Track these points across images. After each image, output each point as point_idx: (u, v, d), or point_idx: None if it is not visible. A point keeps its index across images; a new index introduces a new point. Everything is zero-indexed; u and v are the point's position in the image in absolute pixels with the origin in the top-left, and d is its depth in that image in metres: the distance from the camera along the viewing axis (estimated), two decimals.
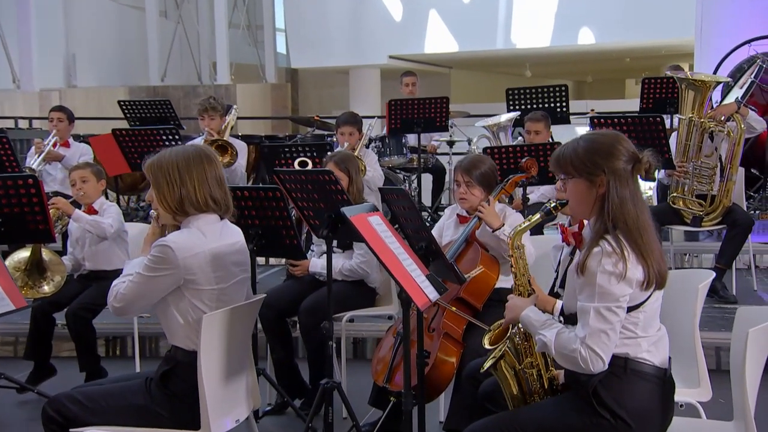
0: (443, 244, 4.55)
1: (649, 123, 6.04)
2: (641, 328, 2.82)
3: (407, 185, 8.34)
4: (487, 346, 3.40)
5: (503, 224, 4.29)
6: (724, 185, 6.24)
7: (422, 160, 8.31)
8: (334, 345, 4.20)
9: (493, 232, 4.29)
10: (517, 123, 7.46)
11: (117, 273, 5.28)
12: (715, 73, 9.27)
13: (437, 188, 8.81)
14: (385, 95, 20.85)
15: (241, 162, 7.10)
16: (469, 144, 8.62)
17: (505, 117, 6.94)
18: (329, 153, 5.47)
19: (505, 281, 4.39)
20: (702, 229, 6.38)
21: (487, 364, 3.07)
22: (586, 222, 2.98)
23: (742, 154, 6.32)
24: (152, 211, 3.35)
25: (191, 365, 3.18)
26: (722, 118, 6.27)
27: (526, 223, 3.10)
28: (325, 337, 4.77)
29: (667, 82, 7.94)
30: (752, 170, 8.50)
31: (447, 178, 8.81)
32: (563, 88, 8.14)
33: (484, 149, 6.32)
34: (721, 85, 7.62)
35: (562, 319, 2.96)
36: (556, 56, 19.28)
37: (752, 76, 8.17)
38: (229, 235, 3.35)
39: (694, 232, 6.76)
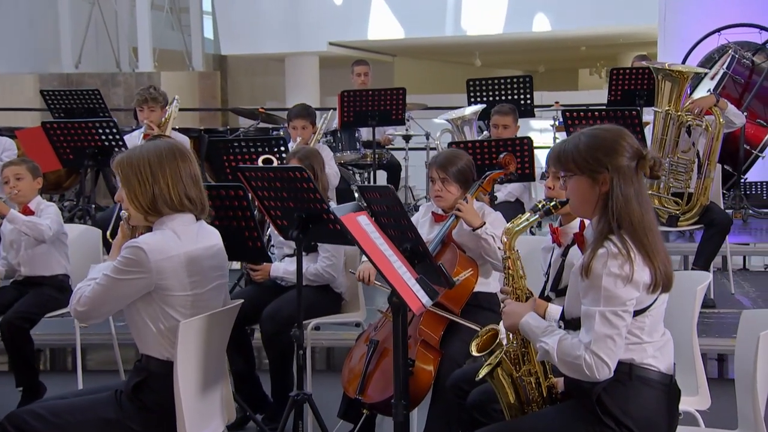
0: None
1: (624, 117, 6.21)
2: (647, 333, 2.93)
3: (360, 183, 8.40)
4: (474, 353, 3.49)
5: (484, 223, 4.38)
6: (702, 182, 6.42)
7: (376, 156, 8.38)
8: (303, 354, 4.25)
9: (473, 231, 4.37)
10: (482, 116, 7.59)
11: (56, 279, 5.34)
12: (683, 63, 9.49)
13: (392, 186, 8.89)
14: (325, 85, 20.89)
15: None
16: (427, 138, 8.72)
17: (470, 110, 7.06)
18: (292, 149, 5.51)
19: (483, 284, 4.50)
20: (675, 229, 6.55)
21: (482, 372, 3.15)
22: (587, 222, 3.07)
23: None
24: (123, 212, 3.36)
25: (165, 376, 3.20)
26: (699, 111, 6.46)
27: (524, 223, 3.19)
28: (288, 347, 4.85)
29: (636, 73, 8.12)
30: (725, 167, 8.75)
31: (402, 175, 8.89)
32: (527, 80, 8.29)
33: (449, 144, 6.43)
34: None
35: (561, 324, 3.06)
36: (509, 44, 19.53)
37: (724, 66, 8.45)
38: (206, 238, 3.38)
39: (664, 232, 6.94)
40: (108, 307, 3.27)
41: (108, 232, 5.28)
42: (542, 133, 13.27)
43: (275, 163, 5.30)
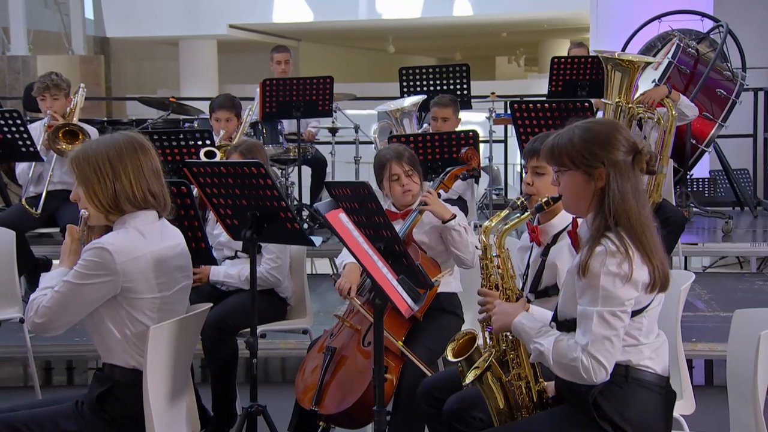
0: None
1: (576, 109, 6.43)
2: (644, 334, 3.10)
3: (284, 179, 8.47)
4: (450, 359, 3.63)
5: (455, 215, 4.53)
6: (654, 179, 6.68)
7: (300, 151, 8.44)
8: (257, 363, 4.33)
9: (444, 223, 4.51)
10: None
11: None
12: (623, 51, 9.78)
13: (317, 183, 8.96)
14: (224, 72, 20.85)
15: None
16: (356, 132, 8.84)
17: (409, 101, 7.20)
18: (233, 143, 5.57)
19: (445, 284, 4.63)
20: None
21: (470, 377, 3.28)
22: (580, 220, 3.24)
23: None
24: (83, 210, 3.41)
25: (132, 385, 3.28)
26: (650, 103, 6.72)
27: (514, 221, 3.34)
28: (231, 356, 4.93)
29: (578, 63, 8.38)
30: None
31: (328, 170, 8.99)
32: (464, 68, 8.47)
33: (390, 138, 6.56)
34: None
35: (554, 325, 3.21)
36: (426, 29, 19.82)
37: (669, 55, 8.76)
38: (170, 237, 3.47)
39: None
40: (70, 316, 3.31)
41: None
42: (476, 126, 13.49)
43: (218, 157, 5.34)
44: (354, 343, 4.45)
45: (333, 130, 9.07)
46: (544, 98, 8.45)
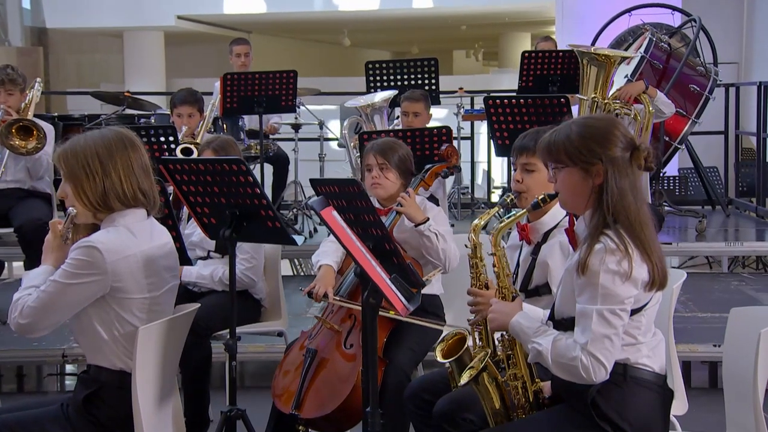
0: None
1: (552, 105, 6.56)
2: (642, 332, 3.21)
3: None
4: (440, 360, 3.73)
5: (427, 219, 4.61)
6: None
7: (262, 148, 8.50)
8: (236, 366, 4.38)
9: (416, 227, 4.60)
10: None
11: None
12: (593, 45, 9.94)
13: (279, 181, 9.03)
14: (172, 66, 20.80)
15: (48, 150, 7.05)
16: (321, 128, 8.91)
17: (380, 96, 7.28)
18: (205, 139, 5.62)
19: (426, 287, 4.71)
20: None
21: (464, 378, 3.37)
22: (578, 218, 3.34)
23: None
24: (71, 208, 3.46)
25: (119, 387, 3.35)
26: (627, 99, 6.88)
27: (510, 219, 3.43)
28: (204, 360, 4.98)
29: (549, 57, 8.52)
30: None
31: (291, 168, 9.04)
32: (432, 63, 8.58)
33: (361, 134, 6.64)
34: None
35: (550, 324, 3.32)
36: (383, 22, 19.92)
37: (641, 50, 8.93)
38: (159, 236, 3.55)
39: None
40: (56, 317, 3.36)
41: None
42: (439, 123, 13.60)
43: (195, 153, 5.39)
44: (335, 345, 4.51)
45: (296, 127, 9.13)
46: (514, 93, 8.56)
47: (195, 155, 5.31)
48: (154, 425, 3.38)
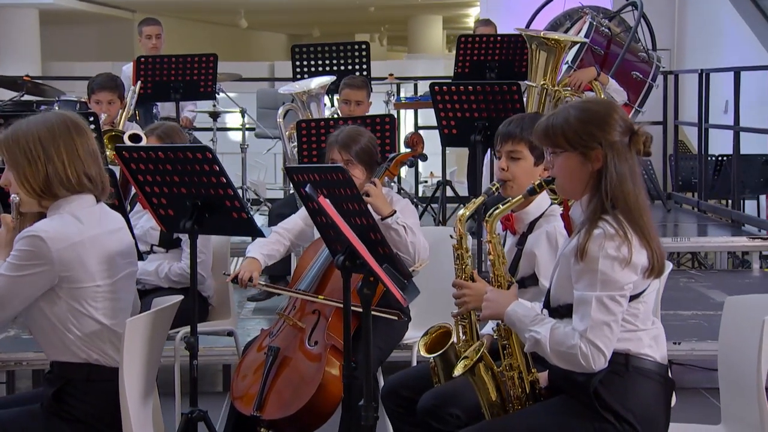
0: (314, 238, 5.05)
1: (503, 92, 6.81)
2: (641, 320, 3.47)
3: None
4: (424, 354, 3.98)
5: (394, 211, 4.85)
6: None
7: None
8: (197, 365, 4.55)
9: (382, 220, 4.82)
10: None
11: None
12: (528, 27, 10.23)
13: None
14: (48, 47, 20.61)
15: None
16: (244, 116, 9.07)
17: (317, 82, 7.48)
18: (149, 126, 5.76)
19: None
20: None
21: (459, 370, 3.61)
22: (573, 203, 3.61)
23: None
24: (13, 196, 3.62)
25: (86, 380, 3.54)
26: (578, 86, 7.21)
27: (506, 205, 3.69)
28: None
29: (486, 42, 8.79)
30: None
31: None
32: (363, 47, 8.80)
33: (298, 123, 6.84)
34: None
35: (545, 312, 3.58)
36: (283, 3, 20.02)
37: (581, 35, 9.26)
38: (110, 221, 3.72)
39: None
40: (6, 312, 3.52)
41: None
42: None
43: (145, 140, 5.52)
44: (298, 342, 4.71)
45: (214, 115, 9.27)
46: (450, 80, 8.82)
47: (144, 143, 5.44)
48: (140, 421, 3.55)
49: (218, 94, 8.99)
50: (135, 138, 5.52)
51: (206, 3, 19.97)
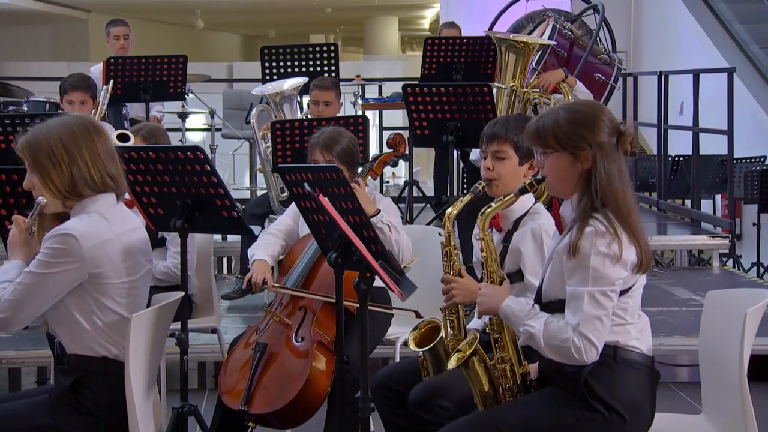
0: (301, 236, 5.15)
1: (474, 93, 6.96)
2: (629, 314, 3.62)
3: None
4: (413, 348, 4.11)
5: (378, 210, 4.96)
6: None
7: None
8: (187, 361, 4.65)
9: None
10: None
11: None
12: (491, 29, 10.38)
13: None
14: (3, 48, 20.54)
15: None
16: (212, 117, 9.15)
17: (290, 83, 7.57)
18: (134, 127, 5.84)
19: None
20: None
21: (452, 363, 3.74)
22: (563, 202, 3.75)
23: None
24: (40, 198, 3.72)
25: (102, 373, 3.66)
26: (546, 88, 7.36)
27: (498, 203, 3.82)
28: None
29: (453, 44, 8.94)
30: None
31: None
32: (332, 48, 8.92)
33: (273, 124, 6.95)
34: None
35: (537, 307, 3.71)
36: (239, 3, 20.07)
37: (545, 37, 9.43)
38: (131, 220, 3.85)
39: None
40: (34, 308, 3.62)
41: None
42: None
43: (132, 140, 5.59)
44: (284, 339, 4.81)
45: (183, 115, 9.35)
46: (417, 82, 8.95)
47: (132, 142, 5.52)
48: (143, 413, 3.66)
49: (187, 95, 9.06)
50: (123, 137, 5.59)
51: (162, 3, 19.99)
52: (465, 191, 7.41)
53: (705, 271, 9.34)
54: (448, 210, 4.09)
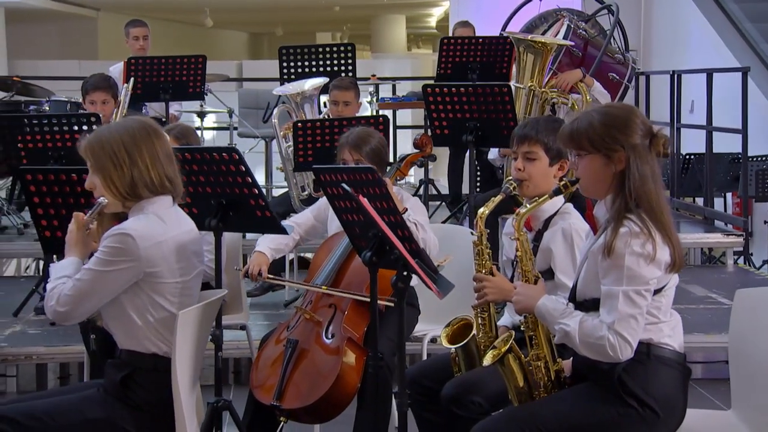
0: (330, 233, 5.24)
1: (493, 93, 7.03)
2: (663, 312, 3.71)
3: None
4: (445, 345, 4.21)
5: (405, 209, 5.05)
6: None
7: None
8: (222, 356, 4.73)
9: None
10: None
11: None
12: (504, 29, 10.46)
13: None
14: (14, 46, 20.61)
15: None
16: (231, 116, 9.23)
17: (310, 84, 7.66)
18: (166, 127, 5.91)
19: None
20: None
21: (488, 360, 3.83)
22: (596, 203, 3.83)
23: None
24: (101, 198, 3.83)
25: (152, 370, 3.78)
26: (564, 88, 7.44)
27: (533, 204, 3.91)
28: None
29: (468, 44, 9.01)
30: None
31: None
32: (349, 48, 9.00)
33: (295, 124, 7.03)
34: None
35: (571, 305, 3.80)
36: (247, 1, 20.13)
37: (560, 37, 9.51)
38: (185, 222, 3.97)
39: None
40: (92, 304, 3.77)
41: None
42: None
43: None
44: (315, 336, 4.90)
45: (201, 115, 9.43)
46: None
47: None
48: (188, 409, 3.76)
49: (206, 94, 9.15)
50: None
51: (171, 1, 20.07)
52: (479, 189, 7.48)
53: (719, 268, 9.41)
54: (480, 210, 4.17)
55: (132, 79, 8.03)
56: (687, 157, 11.31)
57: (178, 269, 3.84)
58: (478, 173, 8.65)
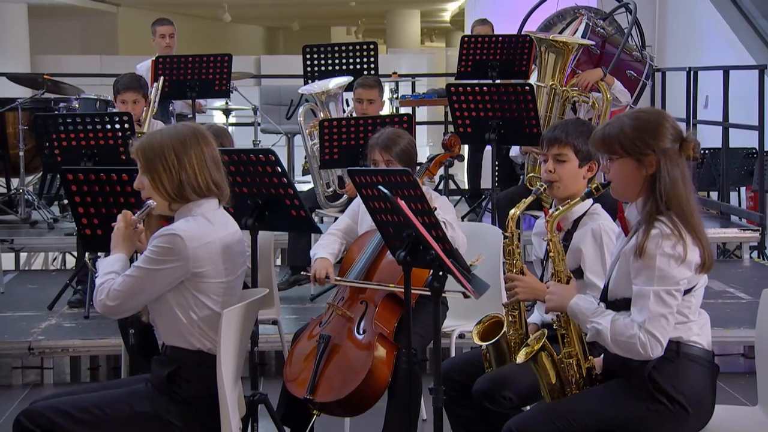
0: (360, 233, 5.32)
1: (516, 92, 7.10)
2: (692, 311, 3.79)
3: None
4: (477, 341, 4.28)
5: (435, 208, 5.11)
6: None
7: None
8: (258, 351, 4.82)
9: None
10: None
11: None
12: (521, 29, 10.52)
13: None
14: (37, 42, 20.72)
15: None
16: (255, 113, 9.31)
17: (335, 82, 7.73)
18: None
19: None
20: None
21: (521, 357, 3.90)
22: (627, 205, 3.90)
23: None
24: (150, 201, 3.95)
25: (197, 365, 3.89)
26: (585, 87, 7.51)
27: (565, 207, 3.98)
28: None
29: (488, 42, 9.07)
30: None
31: None
32: (372, 46, 9.07)
33: (321, 122, 7.11)
34: None
35: (602, 305, 3.87)
36: None
37: (578, 35, 9.57)
38: (231, 224, 4.06)
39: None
40: (140, 300, 3.89)
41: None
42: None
43: None
44: (347, 331, 4.98)
45: (227, 112, 9.52)
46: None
47: None
48: (231, 403, 3.86)
49: (232, 92, 9.24)
50: None
51: None
52: (497, 185, 7.55)
53: (735, 263, 9.44)
54: (512, 211, 4.25)
55: (161, 77, 8.11)
56: (702, 152, 11.35)
57: (223, 269, 3.94)
58: (497, 169, 8.71)
